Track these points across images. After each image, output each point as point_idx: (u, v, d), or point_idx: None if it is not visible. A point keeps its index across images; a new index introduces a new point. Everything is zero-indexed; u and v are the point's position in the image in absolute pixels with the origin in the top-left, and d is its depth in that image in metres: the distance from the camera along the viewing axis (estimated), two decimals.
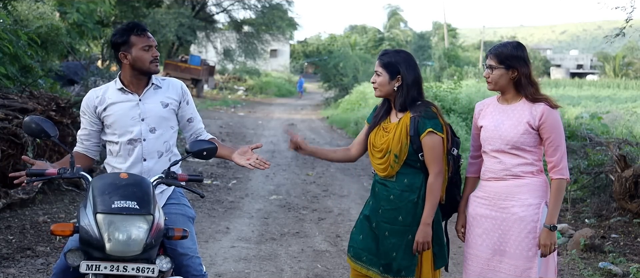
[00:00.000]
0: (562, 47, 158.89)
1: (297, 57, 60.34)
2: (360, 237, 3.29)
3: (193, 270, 2.94)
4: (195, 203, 7.27)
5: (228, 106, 25.25)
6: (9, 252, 5.04)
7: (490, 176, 3.09)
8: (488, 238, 3.08)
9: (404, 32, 58.78)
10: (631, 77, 48.11)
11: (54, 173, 2.76)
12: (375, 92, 3.23)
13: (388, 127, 3.20)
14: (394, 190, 3.16)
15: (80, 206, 2.54)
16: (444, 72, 36.68)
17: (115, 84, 3.10)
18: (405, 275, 3.15)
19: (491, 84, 3.06)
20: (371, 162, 3.29)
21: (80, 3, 12.12)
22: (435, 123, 3.10)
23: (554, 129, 2.96)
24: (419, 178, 3.15)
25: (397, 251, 3.15)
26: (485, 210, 3.09)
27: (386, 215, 3.18)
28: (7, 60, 7.23)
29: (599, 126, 11.54)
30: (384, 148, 3.16)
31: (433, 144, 3.09)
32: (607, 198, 7.01)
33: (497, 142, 3.04)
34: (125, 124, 3.03)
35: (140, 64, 3.02)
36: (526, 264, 2.98)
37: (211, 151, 2.97)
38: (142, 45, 3.00)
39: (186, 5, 29.49)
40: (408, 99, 3.15)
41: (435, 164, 3.11)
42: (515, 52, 3.01)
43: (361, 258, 3.26)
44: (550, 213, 2.96)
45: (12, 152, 6.27)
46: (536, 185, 3.00)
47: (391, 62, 3.15)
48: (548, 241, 2.94)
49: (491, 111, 3.13)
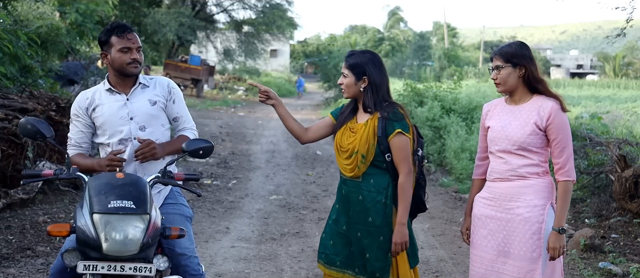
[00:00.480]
0: (562, 47, 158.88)
1: (297, 57, 60.35)
2: (331, 242, 3.28)
3: (191, 270, 2.93)
4: (195, 203, 7.27)
5: (228, 106, 25.24)
6: (9, 252, 5.04)
7: (495, 177, 3.08)
8: (493, 239, 3.07)
9: (404, 32, 58.80)
10: (631, 77, 48.09)
11: (50, 174, 2.75)
12: (343, 93, 3.22)
13: (355, 127, 3.20)
14: (362, 190, 3.16)
15: (77, 206, 2.54)
16: (444, 72, 36.70)
17: (104, 85, 3.10)
18: (380, 276, 3.14)
19: (501, 85, 3.04)
20: (338, 162, 3.28)
21: (80, 3, 12.12)
22: (403, 124, 3.11)
23: (561, 130, 2.94)
24: (386, 179, 3.15)
25: (370, 252, 3.14)
26: (490, 211, 3.08)
27: (356, 216, 3.18)
28: (7, 60, 7.23)
29: (599, 126, 11.52)
30: (350, 149, 3.15)
31: (401, 144, 3.10)
32: (607, 198, 7.00)
33: (503, 142, 3.03)
34: (114, 124, 3.02)
35: (118, 66, 3.01)
36: (530, 265, 2.96)
37: (207, 150, 2.95)
38: (120, 46, 2.98)
39: (186, 5, 29.49)
40: (375, 100, 3.15)
41: (405, 164, 3.11)
42: (520, 50, 3.01)
43: (335, 263, 3.25)
44: (558, 215, 2.95)
45: (12, 152, 6.27)
46: (541, 186, 2.99)
47: (357, 63, 3.15)
48: (557, 245, 2.92)
49: (498, 111, 3.12)
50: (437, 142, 11.19)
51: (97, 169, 2.95)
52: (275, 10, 31.02)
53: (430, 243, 5.94)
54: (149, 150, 2.95)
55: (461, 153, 9.95)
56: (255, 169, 10.34)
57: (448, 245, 5.87)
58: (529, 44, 29.49)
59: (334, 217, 3.30)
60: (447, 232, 6.23)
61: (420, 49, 47.44)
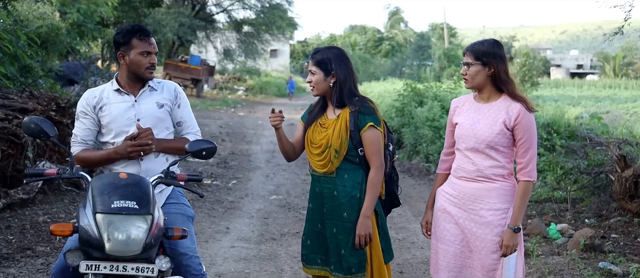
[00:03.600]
0: (562, 47, 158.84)
1: (297, 57, 60.34)
2: (309, 242, 3.30)
3: (193, 270, 2.94)
4: (195, 203, 7.27)
5: (228, 106, 25.26)
6: (9, 252, 5.04)
7: (462, 175, 3.10)
8: (457, 233, 3.11)
9: (403, 32, 58.81)
10: (631, 77, 48.13)
11: (53, 173, 2.76)
12: (313, 91, 3.23)
13: (325, 123, 3.21)
14: (337, 186, 3.17)
15: (79, 206, 2.54)
16: (444, 72, 36.67)
17: (112, 85, 3.11)
18: (356, 271, 3.16)
19: (468, 82, 3.08)
20: (309, 160, 3.28)
21: (80, 3, 12.11)
22: (374, 118, 3.14)
23: (527, 130, 2.97)
24: (359, 174, 3.17)
25: (345, 248, 3.15)
26: (453, 208, 3.12)
27: (331, 212, 3.19)
28: (7, 60, 7.23)
29: (599, 126, 11.52)
30: (323, 144, 3.16)
31: (373, 138, 3.12)
32: (607, 198, 7.00)
33: (471, 141, 3.05)
34: (121, 124, 3.03)
35: (136, 68, 3.03)
36: (492, 265, 3.02)
37: (210, 151, 2.96)
38: (141, 50, 3.01)
39: (186, 5, 29.45)
40: (345, 95, 3.16)
41: (376, 157, 3.13)
42: (491, 49, 3.02)
43: (316, 261, 3.28)
44: (516, 214, 2.99)
45: (12, 152, 6.27)
46: (505, 189, 3.03)
47: (323, 60, 3.17)
48: (510, 243, 2.97)
49: (467, 108, 3.14)
50: (437, 142, 11.19)
51: (114, 158, 2.97)
52: (275, 10, 31.00)
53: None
54: (147, 135, 2.96)
55: None
56: (255, 169, 10.35)
57: None
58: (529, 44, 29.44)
59: (309, 217, 3.32)
60: None
61: (420, 49, 47.40)
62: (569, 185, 7.45)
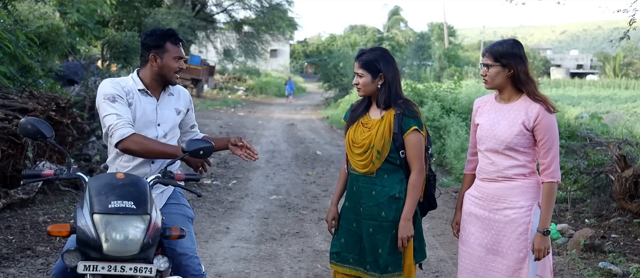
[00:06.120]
0: (562, 47, 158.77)
1: (297, 57, 60.31)
2: (342, 240, 3.29)
3: (192, 270, 2.94)
4: (195, 203, 7.27)
5: (228, 106, 25.26)
6: (9, 252, 5.04)
7: (483, 177, 3.11)
8: (482, 237, 3.10)
9: (403, 32, 58.77)
10: (631, 77, 48.10)
11: (51, 174, 2.75)
12: (359, 92, 3.22)
13: (369, 123, 3.20)
14: (376, 186, 3.16)
15: (77, 206, 2.54)
16: (444, 72, 36.68)
17: (135, 83, 3.07)
18: (392, 270, 3.16)
19: (488, 83, 3.06)
20: (349, 159, 3.27)
21: (80, 3, 12.11)
22: (418, 122, 3.14)
23: (547, 131, 2.94)
24: (399, 175, 3.17)
25: (383, 247, 3.15)
26: (478, 210, 3.11)
27: (368, 212, 3.18)
28: (7, 60, 7.23)
29: (599, 126, 11.53)
30: (365, 144, 3.15)
31: (416, 142, 3.12)
32: (607, 198, 7.00)
33: (491, 141, 3.04)
34: (141, 125, 3.02)
35: (166, 72, 3.05)
36: (517, 264, 3.00)
37: (208, 150, 2.94)
38: (175, 55, 3.05)
39: (186, 5, 29.45)
40: (392, 96, 3.16)
41: (418, 161, 3.14)
42: (511, 50, 3.00)
43: (348, 260, 3.26)
44: (543, 217, 2.97)
45: (12, 152, 6.27)
46: (527, 186, 3.01)
47: (370, 61, 3.16)
48: (541, 246, 2.96)
49: (488, 109, 3.13)
50: (437, 142, 11.20)
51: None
52: (275, 10, 31.00)
53: (430, 243, 5.94)
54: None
55: (461, 153, 9.95)
56: (255, 169, 10.34)
57: (448, 245, 5.87)
58: (529, 44, 29.46)
59: (344, 215, 3.31)
60: (447, 232, 6.22)
61: (420, 49, 47.37)
62: (569, 185, 7.44)
